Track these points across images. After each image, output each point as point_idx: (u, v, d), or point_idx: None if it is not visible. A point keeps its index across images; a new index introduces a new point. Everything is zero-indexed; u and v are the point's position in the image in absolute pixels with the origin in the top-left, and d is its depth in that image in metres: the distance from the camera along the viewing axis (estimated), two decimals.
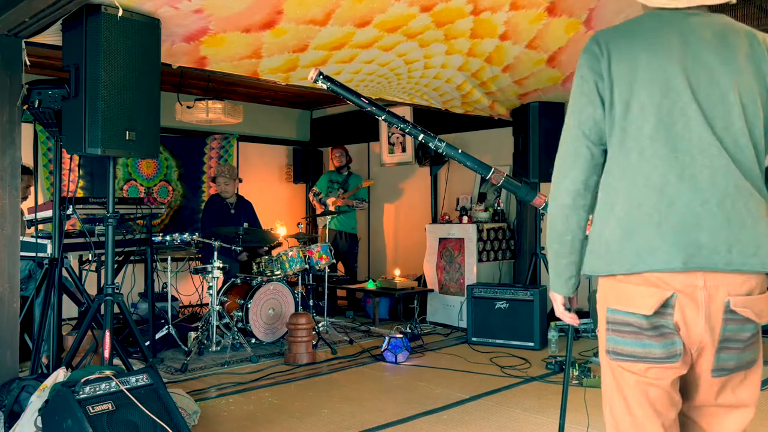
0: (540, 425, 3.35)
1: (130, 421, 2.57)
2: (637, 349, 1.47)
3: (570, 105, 1.61)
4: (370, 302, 6.44)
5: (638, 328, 1.46)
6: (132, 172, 6.96)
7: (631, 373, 1.49)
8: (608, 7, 3.91)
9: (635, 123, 1.49)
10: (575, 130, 1.57)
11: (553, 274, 1.68)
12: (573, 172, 1.57)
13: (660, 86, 1.48)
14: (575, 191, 1.57)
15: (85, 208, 4.18)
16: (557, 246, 1.63)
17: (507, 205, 6.36)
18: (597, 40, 1.57)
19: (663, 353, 1.45)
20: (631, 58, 1.51)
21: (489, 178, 2.38)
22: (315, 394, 3.95)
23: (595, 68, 1.54)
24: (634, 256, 1.46)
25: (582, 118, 1.56)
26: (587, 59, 1.57)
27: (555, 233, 1.62)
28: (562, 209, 1.59)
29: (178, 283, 6.40)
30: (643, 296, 1.45)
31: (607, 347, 1.52)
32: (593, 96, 1.54)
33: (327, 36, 3.69)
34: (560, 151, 1.61)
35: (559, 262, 1.64)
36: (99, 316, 3.32)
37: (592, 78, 1.55)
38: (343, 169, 7.12)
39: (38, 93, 3.26)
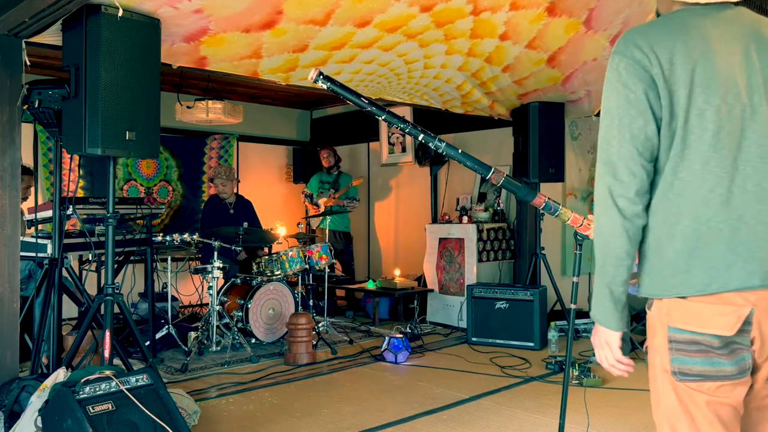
0: (540, 425, 3.35)
1: (130, 421, 2.57)
2: (707, 368, 1.38)
3: (612, 115, 1.45)
4: (370, 302, 6.45)
5: (708, 347, 1.38)
6: (132, 172, 6.96)
7: (702, 393, 1.40)
8: (608, 7, 3.92)
9: (695, 132, 1.39)
10: (628, 146, 1.42)
11: (609, 308, 1.48)
12: (630, 193, 1.42)
13: (717, 90, 1.39)
14: (635, 213, 1.43)
15: (85, 208, 4.18)
16: (615, 274, 1.46)
17: (507, 205, 6.36)
18: (636, 43, 1.43)
19: (734, 370, 1.38)
20: (684, 61, 1.39)
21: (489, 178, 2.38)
22: (315, 394, 3.95)
23: (642, 77, 1.41)
24: (706, 275, 1.37)
25: (634, 132, 1.41)
26: (631, 67, 1.42)
27: (614, 259, 1.45)
28: (625, 232, 1.43)
29: (178, 283, 6.40)
30: (719, 315, 1.36)
31: (672, 368, 1.42)
32: (643, 108, 1.41)
33: (327, 36, 3.69)
34: (609, 168, 1.44)
35: (615, 290, 1.47)
36: (99, 316, 3.32)
37: (641, 87, 1.41)
38: (332, 169, 7.14)
39: (38, 93, 3.26)
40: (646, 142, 1.41)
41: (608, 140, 1.45)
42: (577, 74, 4.86)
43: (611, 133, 1.45)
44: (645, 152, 1.42)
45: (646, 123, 1.41)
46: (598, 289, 1.50)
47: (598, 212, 1.48)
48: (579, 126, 6.22)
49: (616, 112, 1.44)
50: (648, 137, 1.41)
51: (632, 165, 1.42)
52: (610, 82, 1.46)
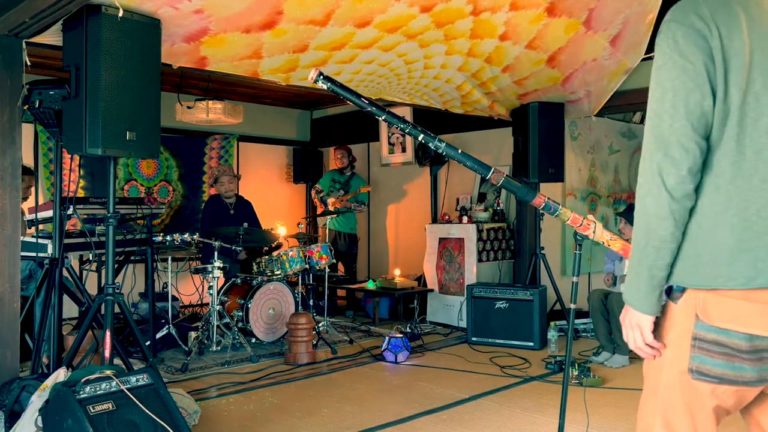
0: (540, 425, 3.35)
1: (130, 420, 2.57)
2: (727, 372, 1.33)
3: (664, 87, 1.35)
4: (370, 302, 6.45)
5: (733, 350, 1.32)
6: (132, 172, 6.96)
7: (712, 396, 1.36)
8: (608, 8, 3.92)
9: (750, 116, 1.31)
10: (683, 121, 1.32)
11: (645, 291, 1.40)
12: (682, 171, 1.32)
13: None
14: (685, 193, 1.33)
15: (85, 208, 4.18)
16: (656, 256, 1.37)
17: (507, 205, 6.36)
18: (697, 10, 1.33)
19: (754, 377, 1.33)
20: (742, 38, 1.30)
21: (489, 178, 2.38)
22: (315, 394, 3.95)
23: (701, 46, 1.30)
24: (751, 268, 1.30)
25: (689, 106, 1.31)
26: (689, 35, 1.32)
27: (657, 241, 1.36)
28: (672, 213, 1.34)
29: (179, 283, 6.40)
30: (762, 315, 1.30)
31: (690, 366, 1.36)
32: (702, 81, 1.31)
33: (327, 36, 3.70)
34: (660, 144, 1.34)
35: (656, 275, 1.38)
36: (99, 315, 3.32)
37: (700, 58, 1.30)
38: (345, 169, 7.11)
39: (39, 93, 3.27)
40: (702, 118, 1.32)
41: (660, 114, 1.35)
42: (577, 74, 4.87)
43: (663, 107, 1.35)
44: (700, 128, 1.32)
45: (704, 97, 1.31)
46: (635, 271, 1.42)
47: (642, 191, 1.38)
48: (579, 126, 6.23)
49: (670, 84, 1.34)
50: (704, 112, 1.32)
51: (686, 141, 1.32)
52: (664, 51, 1.36)
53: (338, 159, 7.12)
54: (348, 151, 7.17)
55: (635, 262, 1.41)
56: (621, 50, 4.54)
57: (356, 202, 6.85)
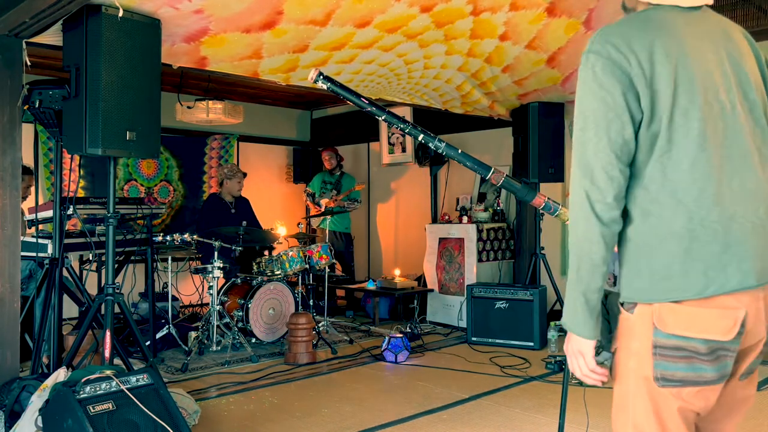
0: (540, 425, 3.35)
1: (130, 420, 2.57)
2: (689, 374, 1.35)
3: (586, 117, 1.41)
4: (370, 302, 6.45)
5: (693, 353, 1.34)
6: (132, 172, 6.96)
7: (677, 399, 1.38)
8: (608, 8, 3.92)
9: (680, 131, 1.36)
10: (606, 151, 1.37)
11: (583, 316, 1.42)
12: (608, 198, 1.37)
13: (699, 87, 1.37)
14: (612, 218, 1.38)
15: (85, 208, 4.18)
16: (590, 280, 1.41)
17: (507, 205, 6.37)
18: (612, 41, 1.38)
19: (715, 376, 1.36)
20: (664, 60, 1.36)
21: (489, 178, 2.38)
22: (315, 394, 3.95)
23: (620, 77, 1.36)
24: (703, 277, 1.33)
25: (611, 135, 1.37)
26: (608, 67, 1.37)
27: (589, 266, 1.40)
28: (603, 238, 1.38)
29: (179, 283, 6.40)
30: (717, 319, 1.33)
31: (655, 374, 1.38)
32: (621, 110, 1.36)
33: (327, 36, 3.70)
34: (586, 172, 1.40)
35: (591, 298, 1.42)
36: (99, 315, 3.33)
37: (618, 90, 1.36)
38: (335, 170, 7.16)
39: (39, 93, 3.27)
40: (624, 146, 1.37)
41: (584, 143, 1.40)
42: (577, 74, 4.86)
43: (587, 136, 1.40)
44: (623, 156, 1.37)
45: (624, 126, 1.36)
46: (571, 296, 1.44)
47: (574, 218, 1.43)
48: None
49: (591, 114, 1.39)
50: (626, 141, 1.37)
51: (610, 169, 1.37)
52: (585, 82, 1.41)
53: (326, 160, 7.18)
54: (335, 152, 7.24)
55: (571, 287, 1.44)
56: None
57: (350, 200, 6.85)
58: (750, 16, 4.64)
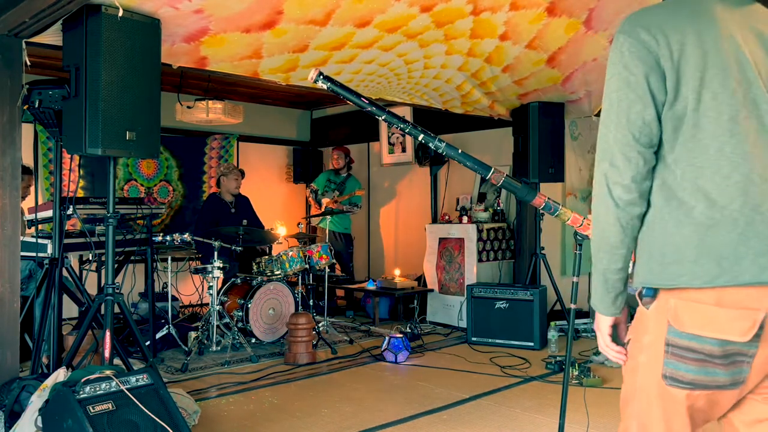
0: (540, 425, 3.35)
1: (130, 420, 2.57)
2: (700, 377, 1.33)
3: (611, 99, 1.41)
4: (370, 302, 6.45)
5: (706, 356, 1.31)
6: (132, 172, 6.96)
7: (686, 399, 1.36)
8: (608, 8, 3.92)
9: (709, 115, 1.34)
10: (624, 131, 1.37)
11: (601, 293, 1.47)
12: (626, 180, 1.37)
13: (732, 72, 1.35)
14: (630, 201, 1.38)
15: (85, 208, 4.18)
16: (609, 261, 1.43)
17: (507, 205, 6.36)
18: (643, 24, 1.38)
19: (727, 380, 1.33)
20: (696, 44, 1.35)
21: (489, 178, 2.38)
22: (315, 394, 3.95)
23: (645, 59, 1.36)
24: (715, 266, 1.30)
25: (631, 116, 1.37)
26: (634, 47, 1.37)
27: (608, 247, 1.42)
28: (618, 220, 1.39)
29: (179, 283, 6.40)
30: (734, 320, 1.29)
31: (664, 372, 1.36)
32: (643, 92, 1.36)
33: (327, 36, 3.69)
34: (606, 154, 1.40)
35: (610, 278, 1.45)
36: (99, 315, 3.32)
37: (642, 71, 1.36)
38: (342, 170, 7.12)
39: (38, 93, 3.27)
40: (644, 128, 1.36)
41: (607, 125, 1.42)
42: (577, 74, 4.87)
43: (609, 117, 1.41)
44: (642, 138, 1.37)
45: (645, 107, 1.36)
46: (594, 275, 1.48)
47: (595, 199, 1.44)
48: (579, 126, 6.22)
49: (615, 95, 1.40)
50: (646, 122, 1.36)
51: (628, 151, 1.37)
52: (613, 63, 1.42)
53: (335, 159, 7.13)
54: (346, 152, 7.17)
55: (594, 266, 1.48)
56: None
57: (350, 204, 6.84)
58: None
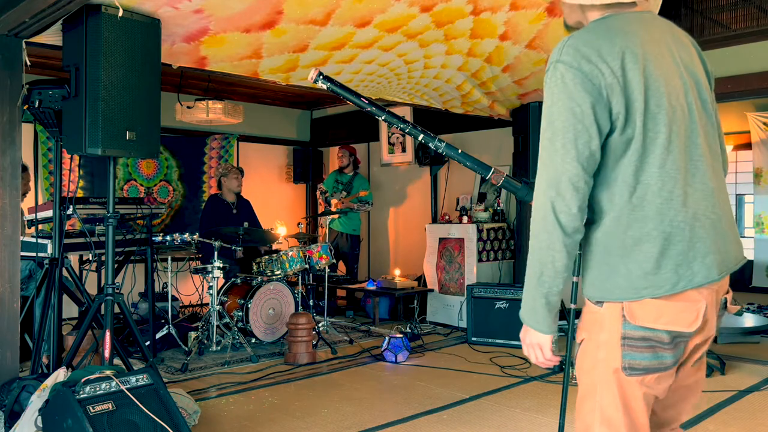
0: (540, 425, 3.35)
1: (130, 420, 2.57)
2: (652, 362, 1.43)
3: (555, 128, 1.41)
4: (370, 302, 6.45)
5: (657, 343, 1.41)
6: (132, 172, 6.96)
7: (641, 386, 1.45)
8: None
9: (650, 135, 1.40)
10: (573, 162, 1.39)
11: (542, 315, 1.49)
12: (573, 209, 1.41)
13: (664, 91, 1.41)
14: (576, 228, 1.42)
15: (85, 208, 4.18)
16: (552, 285, 1.46)
17: (507, 205, 6.36)
18: (582, 52, 1.38)
19: (672, 362, 1.44)
20: (634, 66, 1.38)
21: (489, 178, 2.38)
22: (315, 394, 3.95)
23: (590, 90, 1.37)
24: (674, 274, 1.39)
25: (579, 147, 1.38)
26: (578, 78, 1.37)
27: (552, 272, 1.44)
28: (565, 247, 1.43)
29: (179, 283, 6.40)
30: (682, 312, 1.41)
31: (623, 364, 1.44)
32: (590, 123, 1.37)
33: (327, 36, 3.69)
34: (552, 182, 1.41)
35: (552, 300, 1.48)
36: (99, 316, 3.32)
37: (588, 102, 1.37)
38: (346, 169, 7.09)
39: (38, 93, 3.27)
40: (590, 158, 1.39)
41: (551, 154, 1.42)
42: None
43: (554, 147, 1.41)
44: (588, 168, 1.40)
45: (591, 138, 1.38)
46: (532, 296, 1.49)
47: (536, 225, 1.46)
48: None
49: (560, 124, 1.40)
50: (592, 152, 1.39)
51: (576, 181, 1.39)
52: (554, 92, 1.41)
53: (338, 158, 7.11)
54: (351, 151, 7.13)
55: (531, 288, 1.49)
56: None
57: (360, 202, 6.82)
58: (750, 16, 4.63)
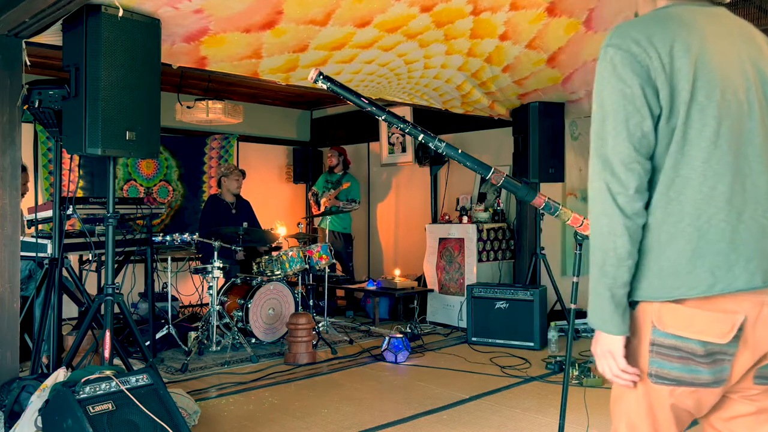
0: (540, 425, 3.35)
1: (130, 420, 2.57)
2: (683, 374, 1.36)
3: (605, 111, 1.40)
4: (370, 302, 6.45)
5: (690, 354, 1.35)
6: (132, 172, 6.96)
7: (670, 396, 1.39)
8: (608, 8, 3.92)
9: (695, 127, 1.35)
10: (625, 143, 1.36)
11: (609, 312, 1.40)
12: (630, 191, 1.36)
13: (718, 85, 1.36)
14: (636, 211, 1.37)
15: (85, 208, 4.18)
16: (616, 275, 1.38)
17: (507, 205, 6.36)
18: (632, 36, 1.38)
19: (710, 378, 1.35)
20: (684, 55, 1.35)
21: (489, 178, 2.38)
22: (315, 394, 3.95)
23: (638, 71, 1.36)
24: (710, 276, 1.33)
25: (630, 128, 1.36)
26: (626, 60, 1.37)
27: (615, 259, 1.38)
28: (626, 230, 1.36)
29: (178, 283, 6.40)
30: (715, 322, 1.33)
31: (650, 370, 1.39)
32: (640, 103, 1.35)
33: (327, 36, 3.69)
34: (606, 165, 1.38)
35: (617, 293, 1.39)
36: (99, 316, 3.32)
37: (637, 82, 1.36)
38: (336, 168, 7.14)
39: (38, 93, 3.27)
40: (643, 139, 1.37)
41: (603, 136, 1.40)
42: (577, 74, 4.87)
43: (606, 129, 1.39)
44: (642, 149, 1.37)
45: (643, 119, 1.36)
46: (597, 292, 1.42)
47: (595, 211, 1.41)
48: (579, 126, 6.22)
49: (611, 107, 1.39)
50: (644, 133, 1.36)
51: (629, 162, 1.36)
52: (603, 75, 1.41)
53: (329, 158, 7.20)
54: (341, 151, 7.20)
55: (596, 283, 1.42)
56: None
57: (347, 200, 6.82)
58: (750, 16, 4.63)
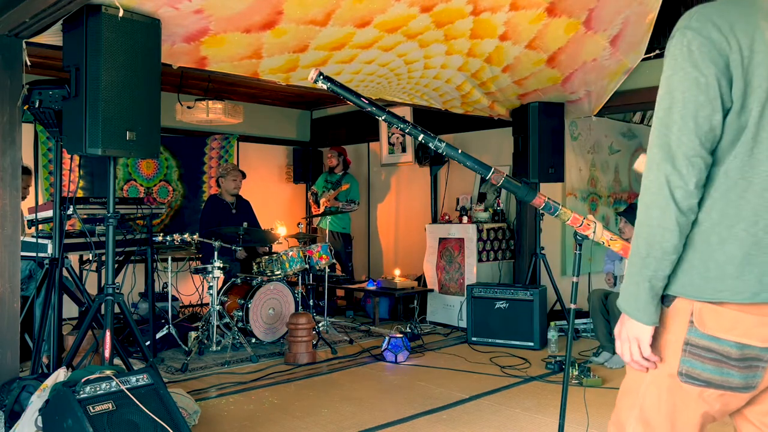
0: (540, 425, 3.35)
1: (130, 420, 2.57)
2: (715, 376, 1.33)
3: (674, 98, 1.31)
4: (370, 302, 6.45)
5: (723, 356, 1.31)
6: (132, 173, 6.96)
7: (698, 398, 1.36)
8: (608, 8, 3.92)
9: (767, 129, 1.28)
10: (691, 135, 1.29)
11: (645, 302, 1.37)
12: (690, 186, 1.30)
13: None
14: (691, 207, 1.32)
15: (85, 208, 4.19)
16: (658, 267, 1.35)
17: (507, 205, 6.36)
18: (714, 21, 1.28)
19: (740, 383, 1.33)
20: (764, 49, 1.26)
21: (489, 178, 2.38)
22: (315, 394, 3.95)
23: (716, 60, 1.26)
24: (757, 283, 1.29)
25: (699, 120, 1.28)
26: (704, 46, 1.27)
27: (660, 252, 1.34)
28: (678, 225, 1.32)
29: (179, 283, 6.40)
30: (757, 326, 1.30)
31: (681, 369, 1.35)
32: (713, 95, 1.27)
33: (327, 36, 3.70)
34: (667, 156, 1.31)
35: (656, 285, 1.36)
36: (99, 315, 3.33)
37: (713, 72, 1.27)
38: (336, 169, 7.15)
39: (39, 93, 3.27)
40: (710, 133, 1.29)
41: (668, 125, 1.32)
42: (577, 74, 4.87)
43: (672, 118, 1.31)
44: (707, 143, 1.30)
45: (714, 112, 1.28)
46: (635, 280, 1.38)
47: (647, 201, 1.35)
48: (579, 126, 6.23)
49: (680, 95, 1.30)
50: (712, 127, 1.29)
51: (692, 155, 1.29)
52: (677, 60, 1.31)
53: (328, 158, 7.21)
54: (340, 151, 7.21)
55: (634, 271, 1.38)
56: (621, 50, 4.54)
57: (346, 201, 6.82)
58: None
